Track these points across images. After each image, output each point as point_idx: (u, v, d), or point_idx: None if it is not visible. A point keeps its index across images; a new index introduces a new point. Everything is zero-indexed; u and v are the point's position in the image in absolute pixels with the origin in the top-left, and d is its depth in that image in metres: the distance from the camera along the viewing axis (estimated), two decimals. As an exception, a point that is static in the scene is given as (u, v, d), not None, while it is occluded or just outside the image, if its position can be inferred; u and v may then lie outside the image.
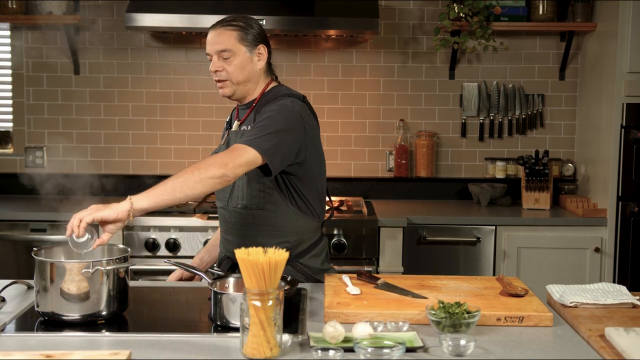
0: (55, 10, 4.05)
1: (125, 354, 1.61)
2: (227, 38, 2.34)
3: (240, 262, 1.72)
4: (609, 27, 3.86)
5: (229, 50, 2.33)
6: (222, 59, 2.34)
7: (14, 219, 3.72)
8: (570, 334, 1.90)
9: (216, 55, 2.35)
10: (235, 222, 2.37)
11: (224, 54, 2.33)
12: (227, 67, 2.34)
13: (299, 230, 2.37)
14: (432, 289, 2.18)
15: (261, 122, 2.24)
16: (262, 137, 2.16)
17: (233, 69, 2.34)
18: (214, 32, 2.37)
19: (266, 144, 2.15)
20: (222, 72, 2.35)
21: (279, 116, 2.24)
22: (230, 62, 2.34)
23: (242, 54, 2.34)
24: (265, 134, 2.17)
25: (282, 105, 2.29)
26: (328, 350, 1.69)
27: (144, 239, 3.59)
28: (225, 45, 2.33)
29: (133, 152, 4.33)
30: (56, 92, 4.29)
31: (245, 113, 2.41)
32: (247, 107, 2.42)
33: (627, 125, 3.77)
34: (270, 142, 2.16)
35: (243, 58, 2.35)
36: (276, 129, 2.20)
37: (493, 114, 4.34)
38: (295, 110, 2.29)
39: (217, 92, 2.42)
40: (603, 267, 3.78)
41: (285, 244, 2.32)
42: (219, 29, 2.36)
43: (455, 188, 4.34)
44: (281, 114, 2.26)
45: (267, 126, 2.20)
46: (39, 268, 1.94)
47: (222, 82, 2.37)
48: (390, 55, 4.30)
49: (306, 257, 2.39)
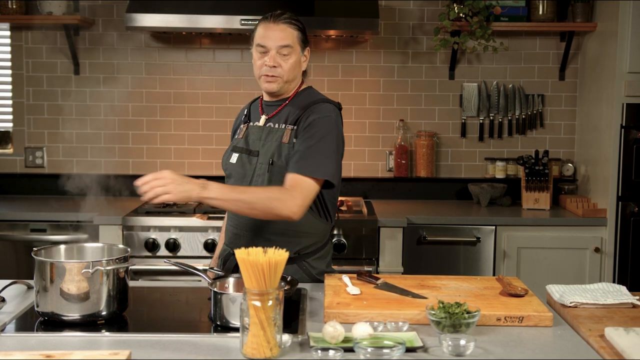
0: (55, 10, 4.05)
1: (125, 354, 1.61)
2: (290, 35, 2.31)
3: (240, 262, 1.72)
4: (609, 27, 3.86)
5: (290, 47, 2.31)
6: (280, 55, 2.31)
7: (14, 219, 3.72)
8: (570, 334, 1.90)
9: (275, 50, 2.30)
10: (251, 219, 2.34)
11: (284, 50, 2.31)
12: (283, 63, 2.31)
13: (313, 233, 2.39)
14: (432, 289, 2.18)
15: (316, 141, 2.25)
16: (326, 161, 2.24)
17: (288, 67, 2.32)
18: (275, 26, 2.32)
19: (330, 169, 2.25)
20: (278, 69, 2.32)
21: (331, 134, 2.28)
22: (287, 60, 2.32)
23: (297, 53, 2.34)
24: (327, 158, 2.24)
25: (329, 119, 2.30)
26: (328, 350, 1.69)
27: (144, 239, 3.59)
28: (289, 41, 2.30)
29: (133, 152, 4.33)
30: (56, 92, 4.29)
31: (275, 109, 2.40)
32: (277, 104, 2.40)
33: (627, 125, 3.77)
34: (332, 165, 2.26)
35: (297, 57, 2.34)
36: (333, 148, 2.27)
37: (493, 114, 4.34)
38: (339, 122, 2.35)
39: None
40: (603, 267, 3.78)
41: (298, 246, 2.35)
42: (281, 24, 2.32)
43: (455, 188, 4.34)
44: (333, 131, 2.29)
45: (325, 148, 2.25)
46: (39, 268, 1.93)
47: (273, 77, 2.33)
48: (390, 55, 4.30)
49: (313, 257, 2.40)
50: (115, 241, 3.55)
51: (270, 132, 2.38)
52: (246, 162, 2.39)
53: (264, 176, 2.32)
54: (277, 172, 2.30)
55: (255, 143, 2.40)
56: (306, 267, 2.38)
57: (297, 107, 2.37)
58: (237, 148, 2.44)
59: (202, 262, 3.50)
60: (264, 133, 2.38)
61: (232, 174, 2.43)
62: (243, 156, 2.41)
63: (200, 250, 3.60)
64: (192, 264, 2.15)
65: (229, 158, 2.45)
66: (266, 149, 2.36)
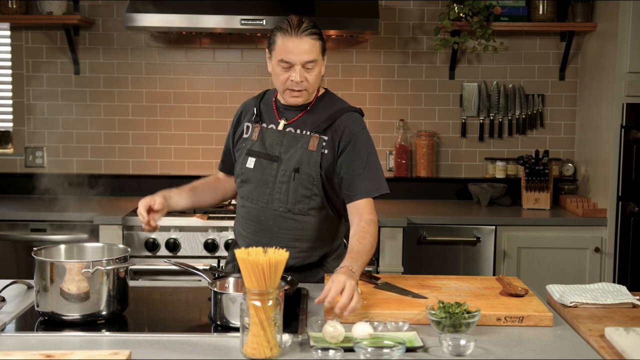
0: (55, 10, 4.05)
1: (125, 354, 1.61)
2: (313, 48, 2.24)
3: (240, 262, 1.72)
4: (609, 27, 3.86)
5: (314, 61, 2.25)
6: (305, 69, 2.25)
7: (14, 219, 3.72)
8: (570, 334, 1.90)
9: (300, 65, 2.24)
10: (273, 225, 2.32)
11: (309, 65, 2.24)
12: (308, 77, 2.26)
13: (335, 235, 2.41)
14: (432, 289, 2.19)
15: (366, 158, 2.31)
16: (379, 175, 2.34)
17: (313, 79, 2.28)
18: (299, 40, 2.23)
19: (384, 181, 2.35)
20: (304, 83, 2.26)
21: (371, 146, 2.35)
22: (312, 72, 2.26)
23: (320, 64, 2.29)
24: (379, 171, 2.34)
25: (364, 131, 2.34)
26: (328, 350, 1.69)
27: (144, 239, 3.59)
28: (313, 55, 2.24)
29: (133, 152, 4.32)
30: (56, 92, 4.29)
31: (296, 115, 2.35)
32: (297, 109, 2.35)
33: (627, 125, 3.77)
34: (383, 175, 2.36)
35: (320, 68, 2.30)
36: (377, 159, 2.36)
37: (493, 114, 4.34)
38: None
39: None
40: (603, 267, 3.78)
41: (325, 249, 2.38)
42: (305, 37, 2.23)
43: (455, 188, 4.34)
44: (371, 142, 2.36)
45: (374, 162, 2.33)
46: (39, 268, 1.94)
47: (300, 92, 2.28)
48: (390, 55, 4.30)
49: (331, 257, 2.43)
50: (115, 241, 3.55)
51: (293, 138, 2.32)
52: (266, 167, 2.33)
53: (288, 184, 2.29)
54: (302, 179, 2.28)
55: (274, 148, 2.33)
56: (327, 267, 2.41)
57: (322, 114, 2.33)
58: (253, 152, 2.36)
59: (202, 262, 3.50)
60: (286, 138, 2.33)
61: (249, 179, 2.36)
62: (262, 161, 2.34)
63: (200, 250, 3.60)
64: (192, 264, 2.15)
65: (244, 162, 2.37)
66: (290, 156, 2.30)
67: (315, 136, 2.30)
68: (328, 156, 2.30)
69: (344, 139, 2.30)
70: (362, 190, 2.28)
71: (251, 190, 2.35)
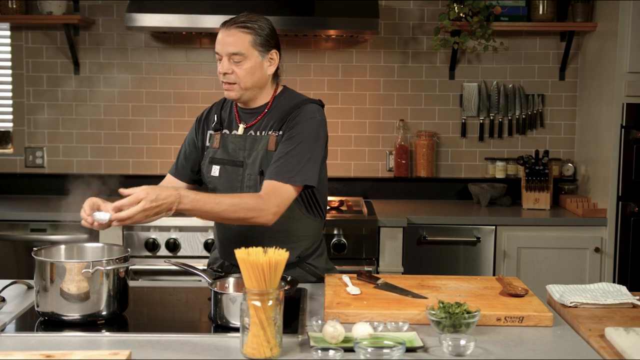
0: (55, 10, 4.05)
1: (125, 354, 1.61)
2: (240, 40, 2.23)
3: (240, 262, 1.72)
4: (609, 27, 3.86)
5: (240, 54, 2.22)
6: (232, 62, 2.23)
7: (14, 219, 3.72)
8: (570, 334, 1.90)
9: (226, 57, 2.24)
10: (247, 230, 2.28)
11: (235, 57, 2.23)
12: (237, 70, 2.24)
13: (311, 234, 2.39)
14: (432, 289, 2.18)
15: (295, 145, 2.20)
16: (303, 165, 2.18)
17: (243, 74, 2.24)
18: (226, 32, 2.25)
19: (308, 173, 2.19)
20: (231, 75, 2.24)
21: (311, 135, 2.24)
22: (241, 66, 2.23)
23: (254, 59, 2.24)
24: (305, 162, 2.19)
25: (312, 120, 2.25)
26: (328, 350, 1.69)
27: (144, 239, 3.59)
28: (238, 48, 2.22)
29: (133, 152, 4.33)
30: (56, 92, 4.29)
31: (255, 118, 2.33)
32: (256, 112, 2.33)
33: (627, 125, 3.77)
34: (311, 167, 2.20)
35: (254, 63, 2.25)
36: (312, 152, 2.22)
37: (493, 114, 4.34)
38: (322, 123, 2.29)
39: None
40: (603, 267, 3.78)
41: (298, 250, 2.34)
42: (232, 29, 2.25)
43: (455, 188, 4.34)
44: (314, 132, 2.24)
45: (303, 151, 2.20)
46: (39, 268, 1.94)
47: (229, 85, 2.26)
48: (390, 55, 4.30)
49: (312, 257, 2.41)
50: (115, 241, 3.55)
51: (254, 140, 2.30)
52: (232, 173, 2.31)
53: (255, 188, 2.26)
54: None
55: (237, 153, 2.32)
56: (309, 267, 2.39)
57: (279, 112, 2.30)
58: (216, 160, 2.35)
59: (202, 262, 3.49)
60: (247, 142, 2.31)
61: (217, 187, 2.34)
62: (227, 168, 2.32)
63: (200, 250, 3.60)
64: (192, 264, 2.15)
65: (209, 171, 2.36)
66: (253, 159, 2.29)
67: (273, 135, 2.28)
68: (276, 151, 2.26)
69: (288, 125, 2.26)
70: (275, 173, 2.18)
71: None
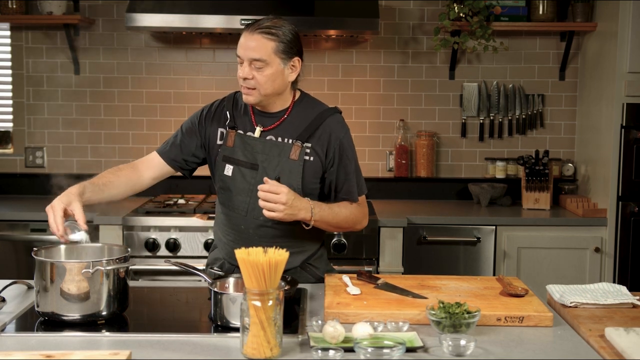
0: (55, 10, 4.05)
1: (125, 354, 1.61)
2: (262, 47, 2.18)
3: (240, 262, 1.72)
4: (609, 27, 3.86)
5: (262, 61, 2.18)
6: (253, 67, 2.19)
7: (14, 219, 3.72)
8: (570, 334, 1.90)
9: (247, 62, 2.19)
10: (254, 234, 2.30)
11: (257, 63, 2.18)
12: (257, 76, 2.19)
13: (316, 239, 2.40)
14: (432, 289, 2.18)
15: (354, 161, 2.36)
16: (362, 176, 2.40)
17: (264, 80, 2.20)
18: (249, 36, 2.20)
19: (364, 181, 2.42)
20: (251, 81, 2.20)
21: (354, 148, 2.39)
22: (262, 72, 2.19)
23: (275, 66, 2.20)
24: (361, 173, 2.40)
25: (348, 133, 2.35)
26: (328, 350, 1.69)
27: (144, 239, 3.59)
28: (260, 54, 2.18)
29: (133, 152, 4.32)
30: (56, 92, 4.29)
31: (273, 122, 2.30)
32: (274, 116, 2.31)
33: (627, 125, 3.77)
34: (363, 178, 2.42)
35: (276, 70, 2.20)
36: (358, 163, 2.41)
37: (493, 114, 4.34)
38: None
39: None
40: (603, 267, 3.78)
41: (305, 254, 2.37)
42: (256, 34, 2.19)
43: (455, 188, 4.34)
44: (353, 146, 2.39)
45: (357, 164, 2.38)
46: (39, 268, 1.94)
47: (249, 90, 2.22)
48: (390, 55, 4.30)
49: (313, 259, 2.41)
50: (115, 241, 3.55)
51: (273, 146, 2.28)
52: (246, 175, 2.29)
53: None
54: None
55: (252, 156, 2.29)
56: (310, 269, 2.40)
57: (300, 119, 2.29)
58: (230, 159, 2.32)
59: (202, 262, 3.49)
60: (266, 147, 2.28)
61: (229, 187, 2.32)
62: (242, 169, 2.30)
63: (200, 250, 3.60)
64: (192, 264, 2.15)
65: (222, 169, 2.33)
66: (270, 164, 2.27)
67: (297, 145, 2.26)
68: (313, 163, 2.28)
69: (332, 146, 2.29)
70: (358, 190, 2.38)
71: (230, 198, 2.32)
